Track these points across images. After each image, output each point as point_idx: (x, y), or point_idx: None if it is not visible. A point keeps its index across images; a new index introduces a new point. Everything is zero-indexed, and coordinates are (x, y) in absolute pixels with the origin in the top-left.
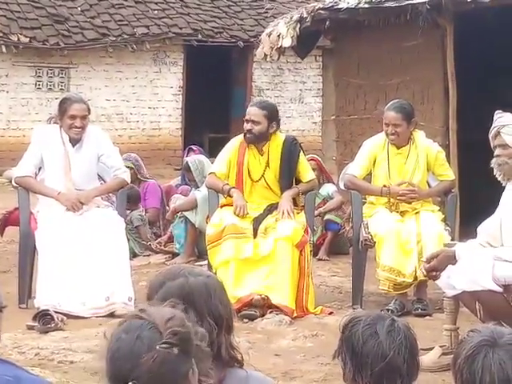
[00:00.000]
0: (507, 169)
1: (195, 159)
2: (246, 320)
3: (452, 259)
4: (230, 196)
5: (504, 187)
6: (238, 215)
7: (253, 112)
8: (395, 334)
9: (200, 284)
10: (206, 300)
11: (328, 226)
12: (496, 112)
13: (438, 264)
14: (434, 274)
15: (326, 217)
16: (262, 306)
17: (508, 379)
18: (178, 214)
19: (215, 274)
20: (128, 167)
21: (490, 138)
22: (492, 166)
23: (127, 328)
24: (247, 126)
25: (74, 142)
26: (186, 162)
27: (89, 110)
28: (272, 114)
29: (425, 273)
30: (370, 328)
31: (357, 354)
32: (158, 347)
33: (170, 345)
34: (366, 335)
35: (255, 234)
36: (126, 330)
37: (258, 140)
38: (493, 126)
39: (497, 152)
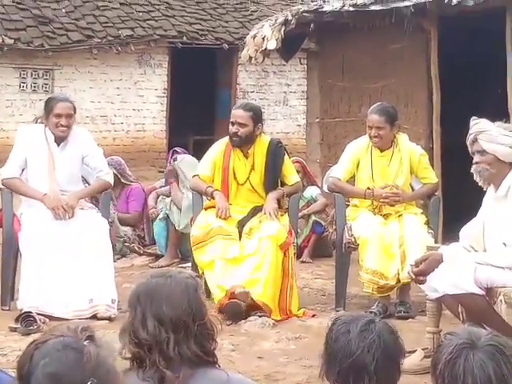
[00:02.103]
0: (487, 175)
1: (180, 160)
2: (228, 322)
3: (440, 262)
4: (213, 198)
5: (485, 191)
6: (220, 217)
7: (238, 114)
8: (367, 333)
9: (155, 286)
10: (155, 301)
11: (315, 227)
12: (472, 118)
13: (427, 268)
14: (422, 278)
15: (314, 218)
16: (244, 300)
17: (490, 379)
18: (160, 215)
19: (201, 274)
20: None
21: (468, 144)
22: (472, 171)
23: (47, 351)
24: (233, 128)
25: (59, 141)
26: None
27: (74, 108)
28: (257, 116)
29: (413, 276)
30: (344, 326)
31: (328, 351)
32: (85, 343)
33: (91, 339)
34: (339, 333)
35: (240, 237)
36: (46, 354)
37: (245, 143)
38: (470, 132)
39: (475, 159)
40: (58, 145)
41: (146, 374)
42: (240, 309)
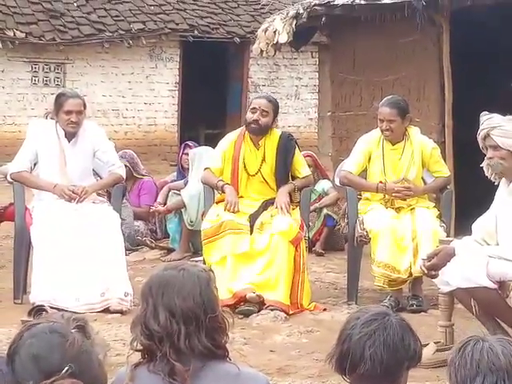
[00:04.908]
0: (501, 169)
1: (195, 151)
2: (240, 316)
3: (452, 256)
4: (224, 192)
5: (498, 184)
6: (229, 211)
7: (263, 103)
8: (374, 322)
9: (168, 278)
10: (167, 293)
11: (327, 220)
12: (482, 113)
13: (439, 262)
14: (434, 272)
15: (325, 211)
16: (256, 303)
17: (497, 356)
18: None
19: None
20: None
21: (479, 139)
22: (483, 166)
23: (35, 333)
24: (254, 116)
25: (70, 137)
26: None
27: (84, 105)
28: (277, 109)
29: (425, 271)
30: (358, 314)
31: (339, 336)
32: (72, 331)
33: (80, 329)
34: (351, 318)
35: (251, 231)
36: (34, 335)
37: (262, 132)
38: (481, 127)
39: (488, 154)
40: (69, 140)
41: (156, 367)
42: (253, 313)
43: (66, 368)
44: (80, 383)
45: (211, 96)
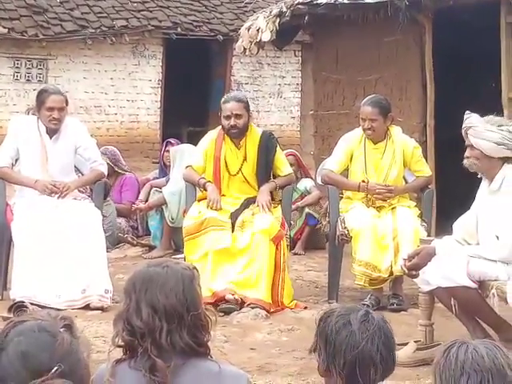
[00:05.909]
0: (476, 169)
1: (176, 149)
2: (221, 314)
3: (432, 256)
4: (206, 190)
5: (479, 183)
6: (211, 208)
7: (234, 107)
8: (368, 324)
9: (151, 274)
10: (150, 289)
11: (308, 219)
12: (466, 113)
13: (420, 262)
14: (414, 272)
15: (307, 210)
16: (235, 304)
17: (482, 357)
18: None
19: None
20: None
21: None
22: (464, 164)
23: (22, 331)
24: (230, 122)
25: (52, 133)
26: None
27: (66, 101)
28: (248, 105)
29: (406, 271)
30: (343, 318)
31: (330, 344)
32: (60, 330)
33: (67, 328)
34: (339, 325)
35: (233, 229)
36: (21, 332)
37: (243, 133)
38: (463, 126)
39: (466, 153)
40: (51, 137)
41: (137, 364)
42: (234, 311)
43: (56, 368)
44: (71, 383)
45: (194, 94)
